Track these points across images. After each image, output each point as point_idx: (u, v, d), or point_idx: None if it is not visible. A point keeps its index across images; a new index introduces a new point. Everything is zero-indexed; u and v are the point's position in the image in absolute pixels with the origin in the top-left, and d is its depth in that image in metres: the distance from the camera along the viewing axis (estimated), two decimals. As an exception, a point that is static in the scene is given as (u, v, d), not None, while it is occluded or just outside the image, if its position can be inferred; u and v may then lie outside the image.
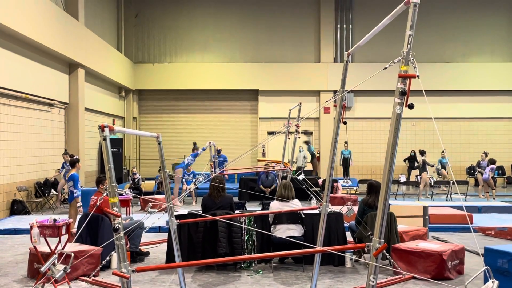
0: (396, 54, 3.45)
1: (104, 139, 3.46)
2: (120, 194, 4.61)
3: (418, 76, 3.24)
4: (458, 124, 23.10)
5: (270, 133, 22.21)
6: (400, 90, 3.27)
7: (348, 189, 16.83)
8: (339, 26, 23.41)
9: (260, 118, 23.44)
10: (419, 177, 18.63)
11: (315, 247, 4.99)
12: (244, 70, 23.14)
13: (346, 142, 20.60)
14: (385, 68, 3.76)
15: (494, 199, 16.12)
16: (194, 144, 16.40)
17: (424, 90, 3.44)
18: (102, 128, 3.43)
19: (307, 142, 20.69)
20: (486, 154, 17.52)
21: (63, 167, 14.50)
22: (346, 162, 21.07)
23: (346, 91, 5.32)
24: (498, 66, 23.24)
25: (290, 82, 22.94)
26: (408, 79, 3.28)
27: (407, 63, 3.30)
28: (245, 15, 23.53)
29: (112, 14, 21.95)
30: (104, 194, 3.26)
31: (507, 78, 23.00)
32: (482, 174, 16.60)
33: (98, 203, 6.14)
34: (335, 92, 22.77)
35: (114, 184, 3.41)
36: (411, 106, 3.29)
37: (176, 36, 23.58)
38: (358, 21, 23.38)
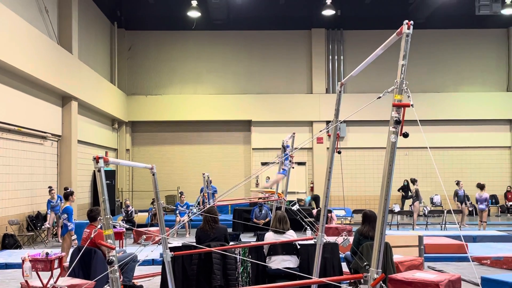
0: (387, 84, 3.48)
1: (99, 171, 3.44)
2: (113, 227, 4.58)
3: (412, 105, 3.26)
4: (451, 154, 23.17)
5: (263, 164, 22.18)
6: (395, 119, 3.29)
7: (342, 219, 16.76)
8: (330, 57, 23.67)
9: (253, 149, 23.44)
10: (412, 206, 18.60)
11: (311, 278, 4.93)
12: (237, 101, 23.25)
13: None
14: (379, 97, 3.79)
15: (479, 229, 16.03)
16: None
17: (418, 120, 3.46)
18: (96, 159, 3.42)
19: None
20: (458, 183, 17.49)
21: (48, 206, 14.33)
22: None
23: (340, 121, 5.34)
24: (489, 95, 23.50)
25: (283, 113, 23.05)
26: (402, 108, 3.31)
27: (401, 92, 3.33)
28: (238, 47, 23.76)
29: (105, 46, 22.11)
30: (98, 227, 3.22)
31: (498, 108, 23.23)
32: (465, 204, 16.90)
33: (92, 235, 6.07)
34: (327, 122, 22.75)
35: (108, 216, 3.38)
36: (405, 135, 3.31)
37: (169, 68, 23.74)
38: (349, 52, 23.66)
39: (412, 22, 3.36)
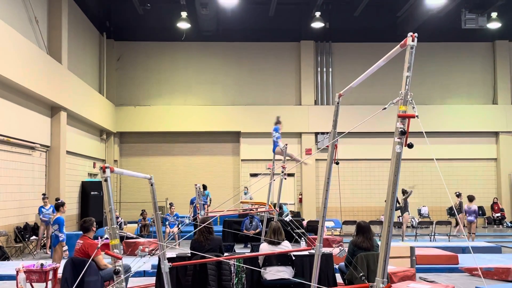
0: (375, 96, 3.54)
1: (106, 180, 3.43)
2: (106, 238, 4.57)
3: (417, 116, 3.31)
4: (438, 165, 23.31)
5: (252, 175, 22.19)
6: (400, 129, 3.33)
7: (332, 230, 16.78)
8: (319, 69, 23.82)
9: (242, 160, 23.43)
10: (400, 217, 18.67)
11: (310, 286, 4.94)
12: (226, 112, 23.27)
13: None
14: (385, 109, 3.83)
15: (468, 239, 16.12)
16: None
17: (423, 131, 3.50)
18: (103, 169, 3.41)
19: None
20: (459, 195, 17.45)
21: (40, 211, 14.18)
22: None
23: (344, 132, 5.37)
24: (475, 108, 23.78)
25: (271, 124, 22.91)
26: (407, 119, 3.35)
27: (405, 103, 3.39)
28: (227, 59, 23.82)
29: (94, 57, 22.03)
30: (105, 237, 3.20)
31: (484, 120, 23.51)
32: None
33: (99, 246, 6.01)
34: (316, 133, 23.02)
35: (115, 226, 3.37)
36: (410, 146, 3.35)
37: (158, 79, 23.71)
38: (338, 64, 23.83)
39: (416, 34, 3.41)
